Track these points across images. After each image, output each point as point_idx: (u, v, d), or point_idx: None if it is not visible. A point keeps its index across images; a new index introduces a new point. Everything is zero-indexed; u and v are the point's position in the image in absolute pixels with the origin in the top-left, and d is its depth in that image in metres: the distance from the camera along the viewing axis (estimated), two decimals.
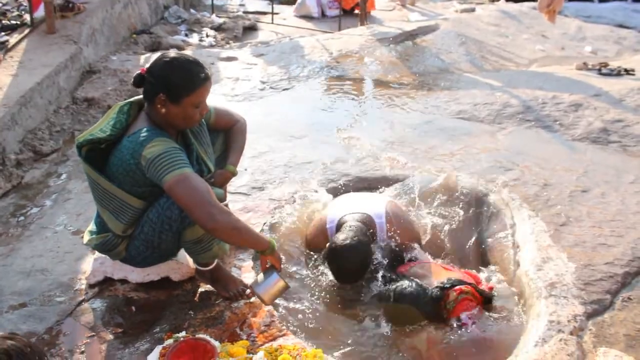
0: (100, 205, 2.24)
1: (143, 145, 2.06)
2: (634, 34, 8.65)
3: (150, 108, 2.17)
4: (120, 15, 6.69)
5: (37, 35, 5.27)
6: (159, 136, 2.10)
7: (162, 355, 1.92)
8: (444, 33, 7.09)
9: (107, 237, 2.28)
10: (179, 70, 2.11)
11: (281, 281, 2.22)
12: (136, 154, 2.08)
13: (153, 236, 2.22)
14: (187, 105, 2.13)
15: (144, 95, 2.19)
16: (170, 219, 2.16)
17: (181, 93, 2.11)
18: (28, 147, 3.89)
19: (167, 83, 2.10)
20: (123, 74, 5.32)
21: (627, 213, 3.14)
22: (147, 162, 2.05)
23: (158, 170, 2.03)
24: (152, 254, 2.31)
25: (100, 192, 2.20)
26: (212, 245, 2.31)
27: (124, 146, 2.13)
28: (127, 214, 2.20)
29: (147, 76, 2.15)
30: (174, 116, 2.15)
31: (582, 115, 4.52)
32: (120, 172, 2.15)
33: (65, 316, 2.38)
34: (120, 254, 2.33)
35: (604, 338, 2.28)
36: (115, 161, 2.16)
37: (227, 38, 7.92)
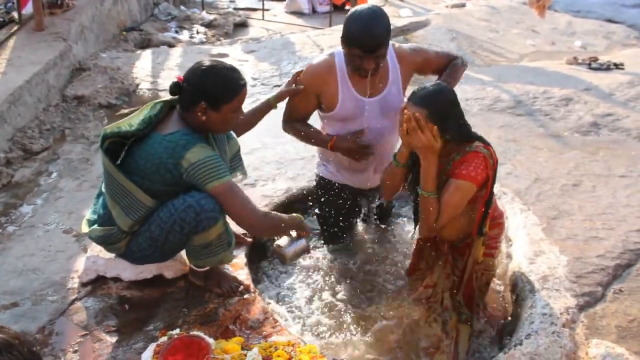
0: (111, 199, 2.23)
1: (186, 149, 2.11)
2: (622, 29, 8.70)
3: (187, 113, 2.20)
4: (109, 12, 6.64)
5: (25, 33, 5.22)
6: (201, 142, 2.16)
7: (156, 353, 1.91)
8: (435, 28, 7.10)
9: (112, 231, 2.26)
10: (218, 78, 2.16)
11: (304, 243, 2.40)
12: (176, 154, 2.11)
13: (160, 235, 2.21)
14: (226, 111, 2.19)
15: (181, 102, 2.21)
16: (184, 221, 2.16)
17: (221, 101, 2.17)
18: (18, 146, 3.86)
19: (208, 92, 2.15)
20: (113, 71, 5.28)
21: (618, 206, 3.16)
22: (189, 166, 2.10)
23: (203, 175, 2.11)
24: (152, 253, 2.29)
25: (115, 186, 2.20)
26: (219, 251, 2.31)
27: (159, 143, 2.14)
28: (139, 211, 2.19)
29: (185, 85, 2.18)
30: (213, 122, 2.20)
31: (572, 109, 4.55)
32: (148, 167, 2.15)
33: (57, 315, 2.36)
34: (119, 249, 2.32)
35: (596, 330, 2.30)
36: (145, 155, 2.16)
37: (218, 35, 7.89)
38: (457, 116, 2.17)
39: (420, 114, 2.07)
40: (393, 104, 2.54)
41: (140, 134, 2.20)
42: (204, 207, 2.14)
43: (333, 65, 2.50)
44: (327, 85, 2.51)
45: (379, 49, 2.32)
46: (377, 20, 2.32)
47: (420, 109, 2.08)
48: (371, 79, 2.43)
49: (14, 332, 1.28)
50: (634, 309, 2.43)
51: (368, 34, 2.29)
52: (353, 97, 2.51)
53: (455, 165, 2.15)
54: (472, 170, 2.11)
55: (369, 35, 2.30)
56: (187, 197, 2.16)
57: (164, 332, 2.05)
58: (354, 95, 2.50)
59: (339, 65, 2.50)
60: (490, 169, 2.16)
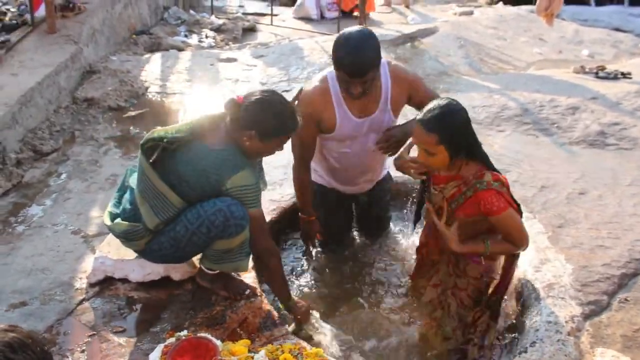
0: (141, 197, 2.25)
1: (234, 171, 2.18)
2: (630, 38, 8.70)
3: (234, 131, 2.24)
4: (120, 15, 6.70)
5: (37, 35, 5.28)
6: (248, 166, 2.23)
7: (164, 354, 1.93)
8: (442, 36, 7.13)
9: (137, 228, 2.28)
10: (276, 116, 2.21)
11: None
12: (223, 172, 2.18)
13: (184, 236, 2.23)
14: (271, 145, 2.27)
15: (233, 120, 2.24)
16: (212, 224, 2.18)
17: (271, 136, 2.23)
18: (28, 147, 3.90)
19: (262, 124, 2.20)
20: (123, 74, 5.33)
21: (624, 215, 3.16)
22: (232, 187, 2.18)
23: (242, 198, 2.20)
24: (172, 253, 2.31)
25: (148, 186, 2.22)
26: (237, 259, 2.33)
27: (207, 155, 2.20)
28: (168, 212, 2.22)
29: (243, 109, 2.21)
30: (255, 149, 2.26)
31: (579, 118, 4.55)
32: (189, 174, 2.20)
33: (65, 315, 2.38)
34: (139, 246, 2.33)
35: (601, 339, 2.30)
36: (189, 162, 2.21)
37: (227, 39, 7.94)
38: (469, 136, 2.17)
39: (430, 139, 2.10)
40: (383, 124, 2.58)
41: (183, 140, 2.24)
42: (234, 213, 2.17)
43: (327, 90, 2.52)
44: (325, 111, 2.52)
45: (366, 74, 2.32)
46: (365, 45, 2.31)
47: (431, 134, 2.09)
48: (362, 100, 2.45)
49: (27, 332, 1.30)
50: None
51: (355, 59, 2.29)
52: (349, 119, 2.54)
53: (468, 202, 2.17)
54: (497, 203, 2.13)
55: (356, 60, 2.29)
56: (218, 201, 2.18)
57: (171, 333, 2.06)
58: (349, 116, 2.54)
59: (333, 89, 2.51)
60: (506, 195, 2.19)
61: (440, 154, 2.13)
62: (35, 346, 1.27)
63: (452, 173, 2.24)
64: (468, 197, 2.18)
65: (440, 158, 2.14)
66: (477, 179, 2.17)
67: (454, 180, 2.24)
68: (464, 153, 2.17)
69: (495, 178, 2.17)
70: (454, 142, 2.11)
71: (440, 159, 2.14)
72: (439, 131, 2.08)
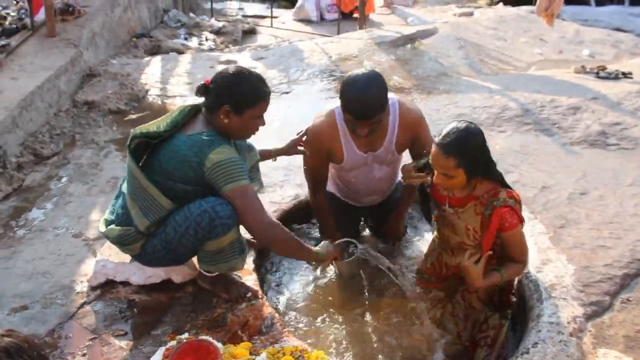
0: (131, 199, 2.26)
1: (210, 148, 2.14)
2: (631, 38, 8.70)
3: (211, 116, 2.26)
4: (120, 19, 6.71)
5: (37, 39, 5.29)
6: (225, 144, 2.19)
7: (165, 357, 1.93)
8: (442, 37, 7.13)
9: (129, 231, 2.28)
10: (244, 83, 2.22)
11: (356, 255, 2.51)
12: (201, 153, 2.15)
13: (174, 238, 2.23)
14: (248, 117, 2.24)
15: (206, 105, 2.27)
16: (198, 226, 2.18)
17: (245, 105, 2.22)
18: (29, 150, 3.90)
19: (232, 95, 2.20)
20: (123, 77, 5.34)
21: (625, 215, 3.16)
22: (212, 165, 2.14)
23: (222, 176, 2.14)
24: (165, 256, 2.31)
25: (136, 187, 2.23)
26: (230, 258, 2.32)
27: (184, 142, 2.19)
28: (157, 213, 2.22)
29: (212, 87, 2.24)
30: (235, 127, 2.25)
31: (580, 118, 4.55)
32: (172, 165, 2.19)
33: (66, 319, 2.38)
34: (134, 250, 2.33)
35: (603, 339, 2.29)
36: (169, 154, 2.20)
37: (227, 42, 7.95)
38: (486, 158, 2.22)
39: (449, 163, 2.14)
40: (387, 159, 2.67)
41: (165, 135, 2.25)
42: (219, 213, 2.16)
43: (334, 124, 2.57)
44: (333, 143, 2.59)
45: (372, 118, 2.35)
46: (372, 88, 2.35)
47: (450, 158, 2.13)
48: (369, 137, 2.49)
49: (24, 336, 1.30)
50: None
51: (361, 103, 2.33)
52: (355, 153, 2.62)
53: (495, 222, 2.20)
54: (510, 220, 2.19)
55: (361, 104, 2.33)
56: (204, 202, 2.18)
57: (172, 336, 2.06)
58: (355, 151, 2.61)
59: (340, 124, 2.56)
60: (519, 210, 2.24)
61: (459, 177, 2.17)
62: (32, 350, 1.27)
63: (465, 192, 2.28)
64: (488, 216, 2.22)
65: (458, 180, 2.18)
66: (492, 197, 2.22)
67: (469, 201, 2.28)
68: (480, 174, 2.22)
69: (510, 195, 2.22)
70: (472, 165, 2.16)
71: (458, 181, 2.19)
72: (458, 155, 2.13)
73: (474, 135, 2.16)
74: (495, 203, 2.19)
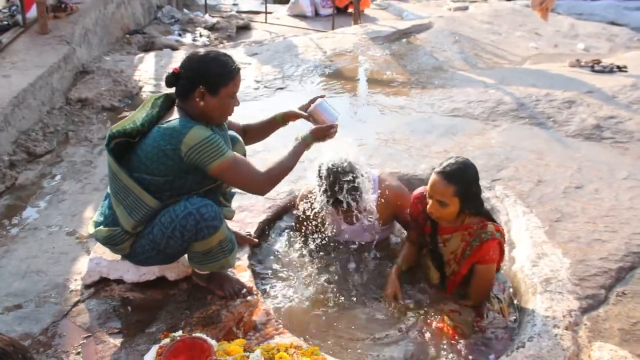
0: (115, 199, 2.24)
1: (183, 133, 2.12)
2: (625, 31, 8.69)
3: (186, 104, 2.24)
4: (113, 15, 6.67)
5: (29, 36, 5.25)
6: (197, 125, 2.16)
7: (158, 355, 1.92)
8: (437, 31, 7.11)
9: (116, 232, 2.27)
10: (214, 62, 2.21)
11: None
12: (174, 140, 2.12)
13: (161, 239, 2.22)
14: (224, 95, 2.23)
15: (179, 93, 2.25)
16: (184, 228, 2.16)
17: (219, 83, 2.21)
18: (21, 148, 3.87)
19: (205, 75, 2.19)
20: (116, 74, 5.30)
21: (621, 208, 3.16)
22: (188, 150, 2.11)
23: (203, 156, 2.12)
24: (156, 255, 2.30)
25: (118, 186, 2.21)
26: (219, 257, 2.30)
27: (157, 133, 2.17)
28: (141, 211, 2.20)
29: (183, 72, 2.22)
30: (212, 108, 2.23)
31: (575, 112, 4.55)
32: (149, 158, 2.17)
33: (61, 317, 2.37)
34: (124, 250, 2.32)
35: (598, 333, 2.30)
36: (146, 147, 2.18)
37: (221, 38, 7.92)
38: (477, 192, 2.38)
39: (447, 190, 2.29)
40: (365, 233, 2.85)
41: (143, 130, 2.23)
42: (204, 215, 2.15)
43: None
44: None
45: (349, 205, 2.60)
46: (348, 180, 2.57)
47: (450, 185, 2.28)
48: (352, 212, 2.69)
49: (9, 339, 1.28)
50: (637, 311, 2.42)
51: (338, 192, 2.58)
52: (339, 222, 2.85)
53: (475, 252, 2.36)
54: (492, 254, 2.35)
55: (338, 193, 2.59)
56: (188, 203, 2.16)
57: (166, 334, 2.05)
58: (339, 221, 2.84)
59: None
60: (503, 245, 2.41)
61: (453, 206, 2.31)
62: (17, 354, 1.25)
63: (455, 225, 2.43)
64: (474, 247, 2.36)
65: (451, 210, 2.32)
66: (481, 230, 2.35)
67: (457, 231, 2.42)
68: (473, 207, 2.37)
69: (497, 229, 2.37)
70: (467, 195, 2.31)
71: (450, 210, 2.32)
72: (457, 183, 2.29)
73: (472, 168, 2.34)
74: (483, 235, 2.34)
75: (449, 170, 2.29)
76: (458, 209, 2.34)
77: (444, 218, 2.39)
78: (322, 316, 2.46)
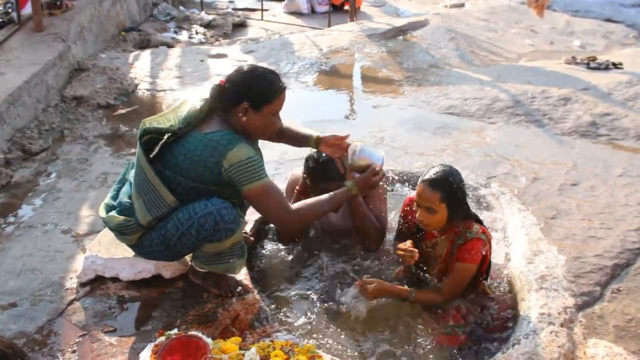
0: (137, 192, 2.23)
1: (227, 148, 2.12)
2: (621, 28, 8.70)
3: (228, 116, 2.23)
4: (108, 12, 6.64)
5: (24, 33, 5.23)
6: (243, 142, 2.17)
7: (154, 353, 1.91)
8: (433, 28, 7.11)
9: (130, 222, 2.26)
10: (261, 79, 2.22)
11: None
12: (217, 153, 2.13)
13: (173, 235, 2.20)
14: (267, 113, 2.23)
15: (222, 105, 2.24)
16: (201, 227, 2.15)
17: (263, 101, 2.20)
18: (17, 146, 3.86)
19: (250, 91, 2.19)
20: (112, 71, 5.29)
21: (616, 206, 3.17)
22: (230, 166, 2.12)
23: (242, 176, 2.13)
24: (162, 251, 2.29)
25: (143, 180, 2.20)
26: (228, 260, 2.30)
27: (200, 142, 2.16)
28: (160, 209, 2.20)
29: (228, 86, 2.22)
30: (254, 125, 2.23)
31: (571, 109, 4.55)
32: (187, 164, 2.17)
33: (56, 315, 2.36)
34: (131, 241, 2.31)
35: (594, 329, 2.30)
36: (185, 152, 2.17)
37: (217, 35, 7.90)
38: (463, 197, 2.43)
39: (434, 197, 2.33)
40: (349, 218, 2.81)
41: (180, 133, 2.22)
42: (224, 217, 2.14)
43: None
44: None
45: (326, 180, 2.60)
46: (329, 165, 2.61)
47: (435, 192, 2.33)
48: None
49: (8, 341, 1.28)
50: (632, 308, 2.43)
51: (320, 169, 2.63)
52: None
53: (459, 251, 2.39)
54: (474, 254, 2.37)
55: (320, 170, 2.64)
56: (209, 203, 2.15)
57: (162, 332, 2.04)
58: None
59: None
60: (488, 248, 2.44)
61: (440, 212, 2.36)
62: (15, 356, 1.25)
63: (443, 229, 2.46)
64: (459, 245, 2.39)
65: (439, 216, 2.36)
66: (467, 229, 2.40)
67: (444, 234, 2.46)
68: (461, 213, 2.41)
69: (483, 231, 2.42)
70: (454, 201, 2.36)
71: (439, 217, 2.37)
72: (442, 190, 2.33)
73: (456, 174, 2.40)
74: (468, 234, 2.38)
75: (433, 178, 2.35)
76: (446, 216, 2.37)
77: (433, 226, 2.42)
78: (319, 314, 2.46)
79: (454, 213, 2.39)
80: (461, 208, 2.41)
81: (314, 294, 2.57)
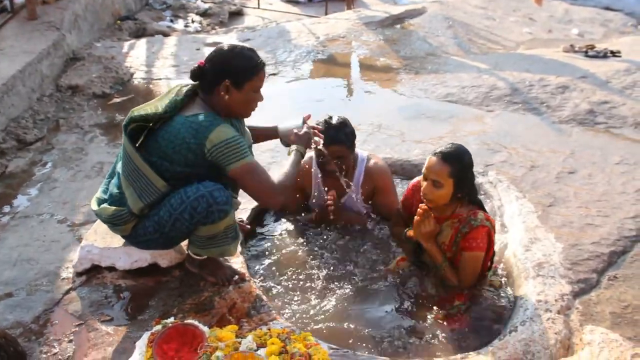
0: (126, 181, 2.24)
1: (209, 130, 2.14)
2: (620, 17, 8.66)
3: (210, 97, 2.25)
4: (103, 1, 6.58)
5: (17, 22, 5.18)
6: (223, 122, 2.19)
7: (150, 342, 1.91)
8: (431, 16, 7.06)
9: (122, 212, 2.26)
10: (240, 56, 2.24)
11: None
12: (200, 135, 2.14)
13: (167, 221, 2.21)
14: (249, 90, 2.25)
15: (203, 86, 2.26)
16: (194, 210, 2.15)
17: (244, 77, 2.23)
18: (11, 136, 3.84)
19: (231, 69, 2.21)
20: (107, 60, 5.25)
21: (613, 193, 3.16)
22: (212, 147, 2.14)
23: (226, 156, 2.15)
24: (157, 239, 2.29)
25: (131, 168, 2.21)
26: (222, 243, 2.31)
27: (182, 125, 2.17)
28: (151, 195, 2.20)
29: (208, 66, 2.24)
30: (237, 102, 2.25)
31: (569, 97, 4.54)
32: (170, 148, 2.17)
33: (52, 305, 2.36)
34: (125, 231, 2.31)
35: (590, 316, 2.31)
36: (168, 136, 2.18)
37: (213, 24, 7.84)
38: (472, 178, 2.42)
39: (443, 170, 2.32)
40: (351, 208, 2.94)
41: (165, 117, 2.22)
42: (217, 199, 2.15)
43: (310, 164, 2.94)
44: (305, 180, 2.94)
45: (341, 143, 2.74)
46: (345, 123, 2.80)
47: (445, 165, 2.33)
48: (334, 181, 2.80)
49: (1, 331, 1.28)
50: (629, 295, 2.43)
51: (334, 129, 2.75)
52: (321, 197, 2.93)
53: (465, 239, 2.38)
54: (480, 242, 2.37)
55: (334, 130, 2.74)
56: (201, 186, 2.16)
57: (158, 320, 2.04)
58: (322, 195, 2.92)
59: (314, 168, 2.94)
60: (493, 235, 2.42)
61: (447, 188, 2.34)
62: (9, 346, 1.25)
63: (446, 214, 2.44)
64: (464, 233, 2.37)
65: (444, 192, 2.35)
66: (471, 216, 2.38)
67: (449, 219, 2.44)
68: (466, 194, 2.40)
69: (487, 218, 2.40)
70: (461, 178, 2.35)
71: (444, 192, 2.35)
72: (453, 163, 2.33)
73: (468, 154, 2.39)
74: (472, 222, 2.37)
75: (446, 151, 2.35)
76: (452, 192, 2.35)
77: (436, 201, 2.38)
78: (315, 302, 2.46)
79: (459, 192, 2.37)
80: (467, 189, 2.40)
81: (310, 282, 2.57)
